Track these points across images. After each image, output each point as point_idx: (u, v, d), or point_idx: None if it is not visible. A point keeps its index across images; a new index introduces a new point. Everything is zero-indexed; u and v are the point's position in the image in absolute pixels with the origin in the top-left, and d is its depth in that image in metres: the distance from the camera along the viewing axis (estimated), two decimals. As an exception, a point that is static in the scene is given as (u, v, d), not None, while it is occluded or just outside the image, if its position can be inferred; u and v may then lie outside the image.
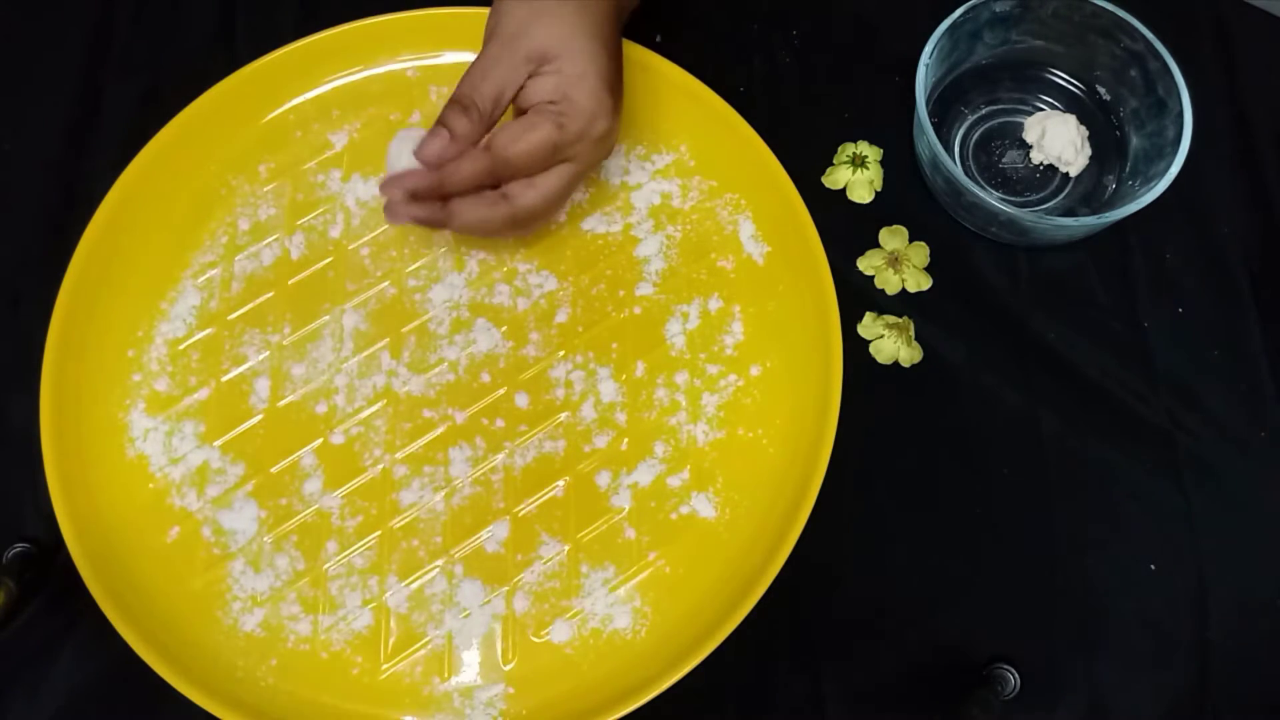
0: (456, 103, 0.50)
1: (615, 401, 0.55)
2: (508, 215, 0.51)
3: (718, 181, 0.59)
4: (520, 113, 0.51)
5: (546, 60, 0.50)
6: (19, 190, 0.60)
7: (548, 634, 0.51)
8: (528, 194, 0.51)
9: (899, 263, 0.58)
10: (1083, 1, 0.57)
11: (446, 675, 0.51)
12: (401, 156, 0.51)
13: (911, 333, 0.57)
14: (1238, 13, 0.64)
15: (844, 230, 0.59)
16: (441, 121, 0.50)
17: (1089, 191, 0.59)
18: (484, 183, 0.51)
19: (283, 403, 0.55)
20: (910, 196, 0.60)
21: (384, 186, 0.50)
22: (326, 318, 0.57)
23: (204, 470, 0.54)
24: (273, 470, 0.54)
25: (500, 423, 0.55)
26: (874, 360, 0.57)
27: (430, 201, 0.51)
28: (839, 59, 0.63)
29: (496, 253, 0.58)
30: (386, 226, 0.58)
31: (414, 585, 0.52)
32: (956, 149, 0.61)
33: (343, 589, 0.52)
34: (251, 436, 0.55)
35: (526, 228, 0.53)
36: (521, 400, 0.55)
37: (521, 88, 0.50)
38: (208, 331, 0.56)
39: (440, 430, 0.55)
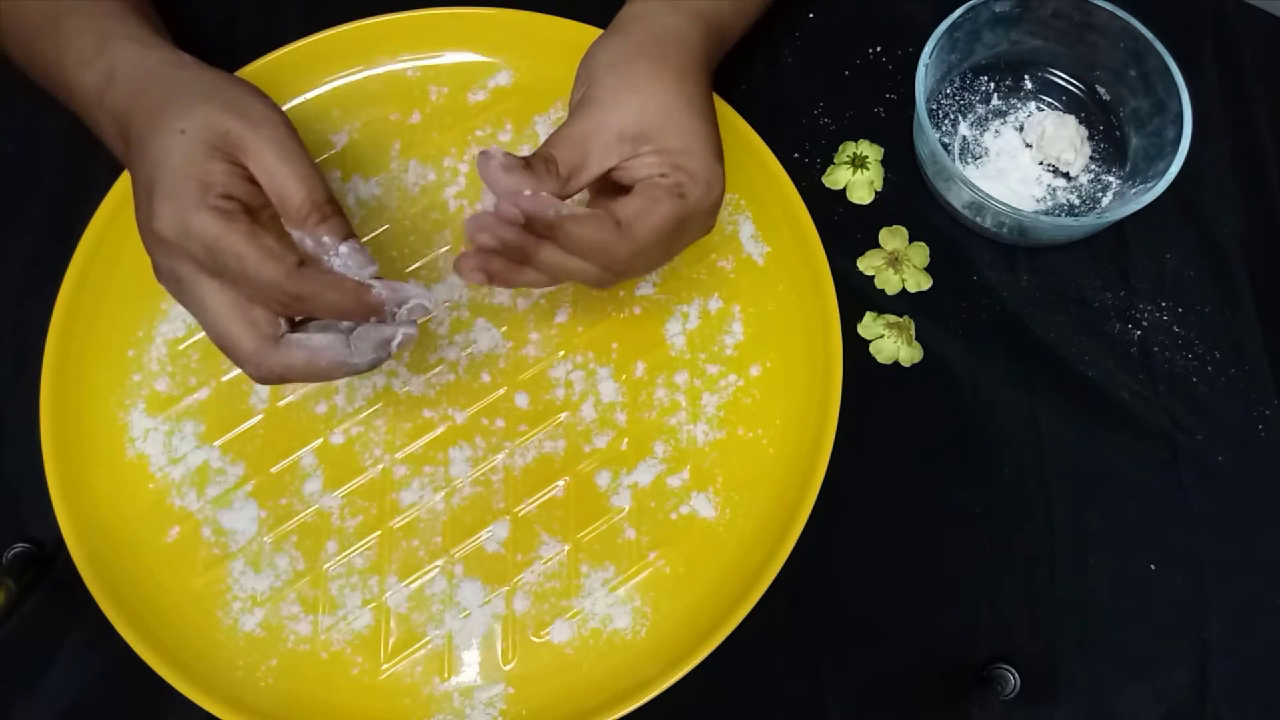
0: (539, 155, 0.45)
1: (615, 401, 0.55)
2: (613, 258, 0.45)
3: (718, 181, 0.59)
4: (620, 189, 0.47)
5: (645, 140, 0.46)
6: (20, 190, 0.60)
7: (548, 634, 0.51)
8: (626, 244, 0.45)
9: (899, 263, 0.58)
10: (1083, 1, 0.57)
11: (446, 675, 0.51)
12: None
13: (912, 333, 0.57)
14: (1238, 13, 0.64)
15: (844, 230, 0.59)
16: (526, 161, 0.44)
17: (1089, 191, 0.59)
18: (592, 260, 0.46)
19: (283, 403, 0.55)
20: (910, 196, 0.60)
21: (471, 227, 0.43)
22: (326, 318, 0.57)
23: (204, 470, 0.54)
24: (273, 470, 0.54)
25: (500, 423, 0.55)
26: (874, 360, 0.57)
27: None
28: (840, 58, 0.63)
29: (496, 253, 0.58)
30: (387, 226, 0.58)
31: (414, 585, 0.52)
32: (956, 149, 0.61)
33: (343, 589, 0.52)
34: (251, 436, 0.54)
35: (610, 280, 0.48)
36: (521, 400, 0.55)
37: (615, 167, 0.47)
38: (208, 331, 0.56)
39: (440, 430, 0.55)
